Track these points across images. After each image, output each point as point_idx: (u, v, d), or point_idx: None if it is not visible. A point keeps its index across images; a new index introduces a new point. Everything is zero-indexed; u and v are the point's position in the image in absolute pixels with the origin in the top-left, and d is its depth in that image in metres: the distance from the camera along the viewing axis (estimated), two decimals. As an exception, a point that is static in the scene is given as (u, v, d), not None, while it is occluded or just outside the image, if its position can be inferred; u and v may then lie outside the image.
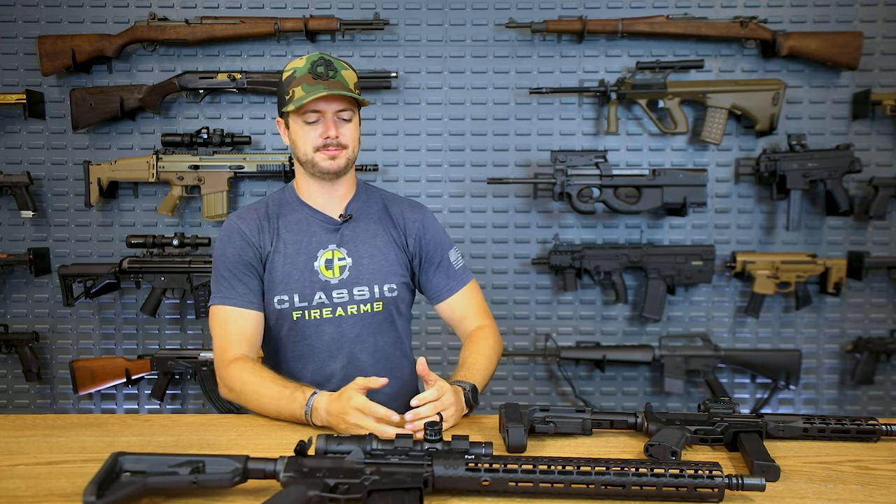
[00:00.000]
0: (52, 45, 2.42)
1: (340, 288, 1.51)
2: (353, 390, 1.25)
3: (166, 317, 2.62)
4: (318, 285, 1.50)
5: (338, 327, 1.52)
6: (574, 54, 2.54)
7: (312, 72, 1.43)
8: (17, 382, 2.64)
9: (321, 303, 1.51)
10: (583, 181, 2.40)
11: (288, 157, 2.46)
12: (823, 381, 2.63)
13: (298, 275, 1.50)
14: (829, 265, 2.49)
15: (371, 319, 1.54)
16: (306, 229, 1.53)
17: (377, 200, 1.61)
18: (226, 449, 1.22)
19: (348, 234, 1.54)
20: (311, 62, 1.44)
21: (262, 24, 2.44)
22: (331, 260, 1.52)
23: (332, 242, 1.53)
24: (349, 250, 1.53)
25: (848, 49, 2.41)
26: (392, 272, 1.55)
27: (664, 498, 1.03)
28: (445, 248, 1.62)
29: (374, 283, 1.53)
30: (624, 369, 2.63)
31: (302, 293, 1.50)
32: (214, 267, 1.51)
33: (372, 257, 1.54)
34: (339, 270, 1.52)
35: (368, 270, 1.53)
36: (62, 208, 2.59)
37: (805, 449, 1.25)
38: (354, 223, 1.55)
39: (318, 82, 1.43)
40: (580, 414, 1.28)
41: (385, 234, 1.57)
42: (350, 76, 1.48)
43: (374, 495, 0.97)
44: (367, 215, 1.58)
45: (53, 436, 1.29)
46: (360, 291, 1.52)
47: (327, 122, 1.45)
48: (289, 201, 1.57)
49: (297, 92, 1.44)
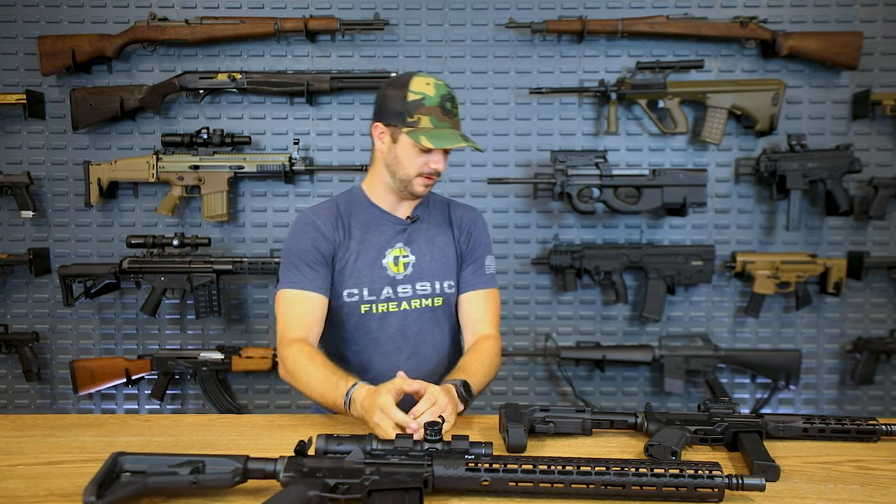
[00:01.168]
0: (52, 45, 2.42)
1: (405, 283, 1.61)
2: (386, 390, 1.28)
3: (166, 317, 2.62)
4: (386, 280, 1.60)
5: (402, 321, 1.61)
6: (574, 54, 2.54)
7: (442, 106, 1.51)
8: (17, 382, 2.64)
9: (388, 297, 1.60)
10: (583, 181, 2.40)
11: (288, 157, 2.46)
12: (823, 381, 2.63)
13: (368, 270, 1.59)
14: (829, 265, 2.49)
15: (432, 314, 1.63)
16: (376, 229, 1.62)
17: (439, 204, 1.73)
18: (226, 449, 1.22)
19: (413, 234, 1.65)
20: (441, 95, 1.51)
21: (262, 24, 2.44)
22: (398, 257, 1.62)
23: (400, 241, 1.63)
24: (413, 249, 1.63)
25: (848, 49, 2.41)
26: (450, 270, 1.66)
27: (664, 498, 1.03)
28: (484, 251, 1.73)
29: (434, 280, 1.63)
30: (624, 369, 2.63)
31: (371, 287, 1.59)
32: (284, 257, 1.58)
33: (433, 255, 1.65)
34: (403, 267, 1.62)
35: (430, 267, 1.64)
36: (62, 208, 2.59)
37: (805, 449, 1.25)
38: (418, 224, 1.66)
39: (445, 119, 1.51)
40: (580, 414, 1.29)
41: (444, 234, 1.68)
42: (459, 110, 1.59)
43: (374, 495, 0.97)
44: (430, 217, 1.69)
45: (53, 436, 1.29)
46: (423, 287, 1.62)
47: (439, 157, 1.54)
48: (359, 201, 1.65)
49: (425, 121, 1.50)
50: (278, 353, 1.53)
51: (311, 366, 1.43)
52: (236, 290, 2.61)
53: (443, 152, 1.55)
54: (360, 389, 1.33)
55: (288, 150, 2.53)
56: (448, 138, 1.50)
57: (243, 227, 2.59)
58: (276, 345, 1.56)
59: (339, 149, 2.57)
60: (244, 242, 2.59)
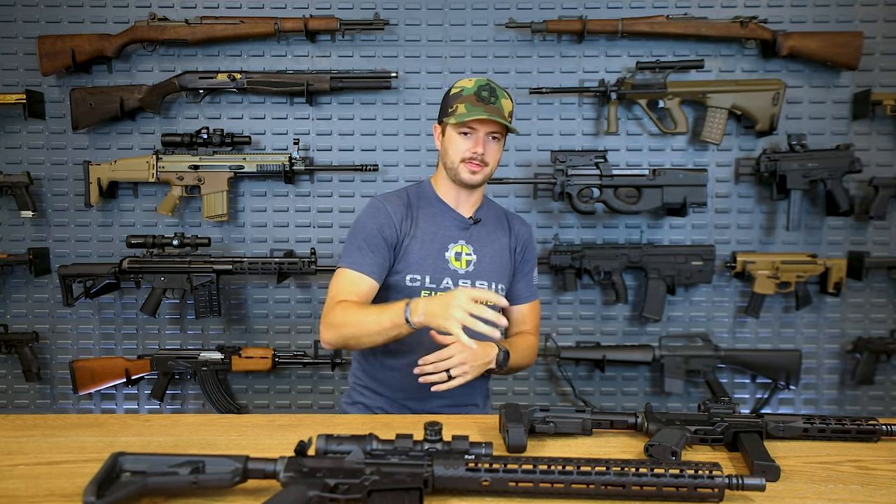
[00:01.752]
0: (52, 45, 2.42)
1: (466, 278, 1.69)
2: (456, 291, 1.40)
3: (166, 317, 2.62)
4: (448, 272, 1.68)
5: None
6: (574, 54, 2.54)
7: (478, 94, 1.61)
8: (17, 382, 2.64)
9: (447, 287, 1.66)
10: (583, 181, 2.40)
11: (288, 157, 2.46)
12: (823, 381, 2.63)
13: (432, 260, 1.67)
14: (829, 265, 2.49)
15: None
16: (441, 223, 1.71)
17: (497, 211, 1.83)
18: (226, 449, 1.22)
19: (475, 235, 1.73)
20: (479, 86, 1.62)
21: (262, 24, 2.44)
22: (459, 253, 1.70)
23: (462, 238, 1.71)
24: (475, 248, 1.72)
25: (848, 49, 2.41)
26: (504, 274, 1.75)
27: (664, 498, 1.03)
28: (534, 264, 1.85)
29: (492, 280, 1.71)
30: (624, 369, 2.63)
31: (433, 276, 1.66)
32: (350, 235, 1.67)
33: (492, 257, 1.73)
34: (465, 263, 1.70)
35: (489, 268, 1.72)
36: (62, 208, 2.59)
37: (805, 449, 1.25)
38: (481, 226, 1.75)
39: (479, 105, 1.60)
40: (580, 414, 1.28)
41: (502, 240, 1.77)
42: (507, 105, 1.65)
43: (374, 495, 0.97)
44: (490, 222, 1.78)
45: (53, 436, 1.29)
46: (481, 285, 1.70)
47: (478, 139, 1.63)
48: (427, 195, 1.74)
49: (460, 108, 1.62)
50: (323, 321, 1.58)
51: (361, 310, 1.51)
52: (236, 290, 2.61)
53: (485, 138, 1.62)
54: (420, 300, 1.44)
55: (288, 150, 2.52)
56: (472, 115, 1.59)
57: (243, 227, 2.59)
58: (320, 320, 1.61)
59: (339, 149, 2.57)
60: (244, 242, 2.59)
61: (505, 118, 1.63)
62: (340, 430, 1.23)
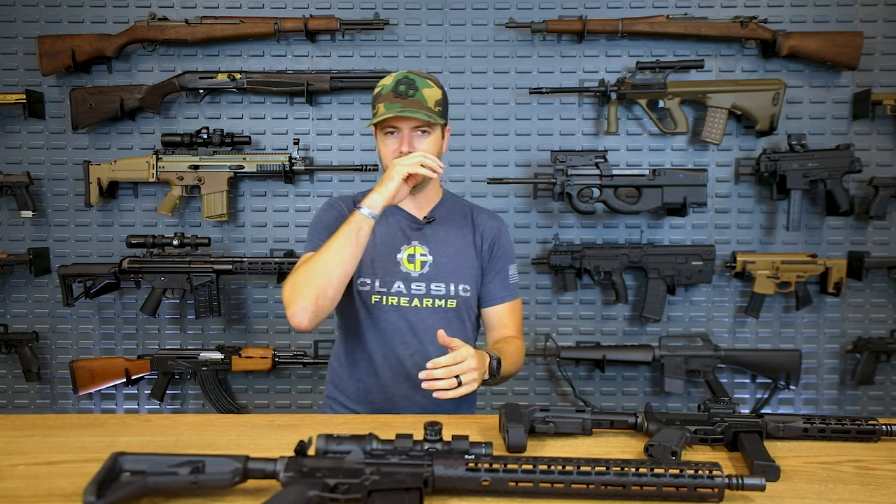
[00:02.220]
0: (52, 45, 2.42)
1: (420, 281, 1.63)
2: None
3: (166, 317, 2.62)
4: (399, 275, 1.63)
5: (412, 316, 1.62)
6: (574, 54, 2.54)
7: (395, 90, 1.55)
8: (17, 382, 2.64)
9: (399, 291, 1.62)
10: (583, 181, 2.40)
11: (288, 157, 2.46)
12: (823, 381, 2.63)
13: (381, 262, 1.63)
14: (830, 265, 2.49)
15: (444, 315, 1.64)
16: (394, 224, 1.67)
17: (461, 207, 1.76)
18: (226, 449, 1.22)
19: (430, 234, 1.67)
20: (396, 81, 1.56)
21: (262, 24, 2.44)
22: (413, 255, 1.65)
23: (416, 239, 1.66)
24: (431, 248, 1.66)
25: (848, 49, 2.41)
26: (467, 274, 1.67)
27: (664, 498, 1.03)
28: (509, 260, 1.74)
29: (450, 282, 1.65)
30: (624, 369, 2.63)
31: (383, 279, 1.62)
32: (309, 231, 1.65)
33: (450, 257, 1.66)
34: (420, 265, 1.64)
35: (446, 269, 1.65)
36: (62, 208, 2.59)
37: (805, 449, 1.25)
38: (437, 225, 1.68)
39: (397, 101, 1.53)
40: (580, 414, 1.28)
41: (464, 238, 1.69)
42: (432, 94, 1.57)
43: (374, 495, 0.97)
44: (450, 220, 1.71)
45: (53, 436, 1.29)
46: (437, 287, 1.64)
47: (402, 138, 1.57)
48: None
49: (380, 109, 1.56)
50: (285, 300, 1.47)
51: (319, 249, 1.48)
52: (236, 290, 2.61)
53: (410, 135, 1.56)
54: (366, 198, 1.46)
55: (288, 150, 2.53)
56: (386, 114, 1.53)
57: (243, 227, 2.59)
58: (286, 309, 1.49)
59: (339, 149, 2.57)
60: (244, 242, 2.59)
61: (426, 109, 1.54)
62: (340, 430, 1.23)
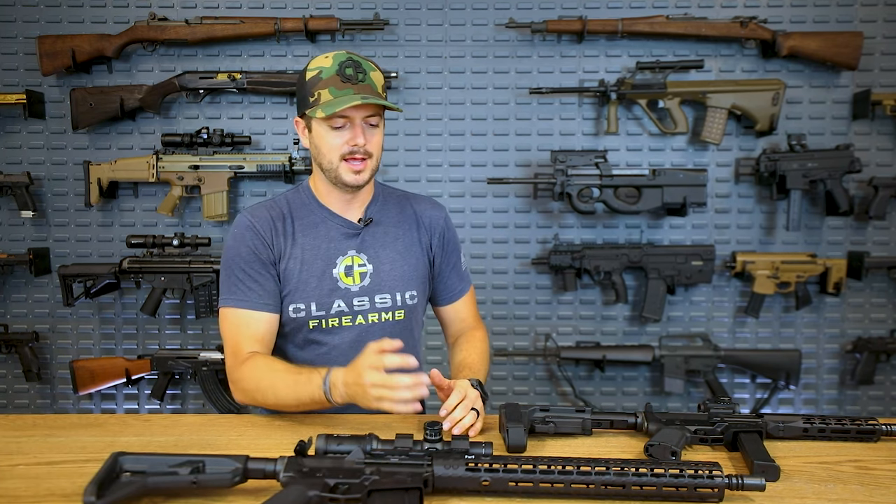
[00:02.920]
0: (52, 45, 2.42)
1: (361, 296, 1.46)
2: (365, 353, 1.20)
3: (166, 317, 2.62)
4: (338, 293, 1.45)
5: (357, 335, 1.46)
6: (574, 54, 2.54)
7: (341, 73, 1.35)
8: (17, 382, 2.64)
9: (340, 311, 1.45)
10: (583, 181, 2.40)
11: (288, 157, 2.46)
12: (823, 381, 2.63)
13: (316, 282, 1.44)
14: (829, 265, 2.49)
15: (392, 328, 1.49)
16: (325, 234, 1.46)
17: (395, 200, 1.55)
18: (226, 449, 1.22)
19: (368, 240, 1.48)
20: (339, 63, 1.35)
21: (262, 24, 2.44)
22: (350, 266, 1.46)
23: (352, 248, 1.47)
24: (370, 256, 1.47)
25: (848, 49, 2.41)
26: (413, 277, 1.51)
27: (664, 498, 1.03)
28: (459, 249, 1.62)
29: (395, 291, 1.48)
30: (624, 369, 2.63)
31: (319, 301, 1.44)
32: (225, 266, 1.44)
33: (393, 263, 1.49)
34: (359, 277, 1.46)
35: (390, 277, 1.48)
36: (62, 208, 2.59)
37: (805, 449, 1.25)
38: (374, 227, 1.50)
39: (347, 86, 1.34)
40: (580, 414, 1.28)
41: (406, 237, 1.52)
42: (378, 78, 1.40)
43: (374, 495, 0.97)
44: (387, 218, 1.52)
45: (53, 436, 1.29)
46: (382, 299, 1.47)
47: (356, 129, 1.37)
48: (305, 202, 1.49)
49: (325, 95, 1.35)
50: (230, 378, 1.40)
51: (273, 374, 1.32)
52: (236, 290, 2.61)
53: (363, 126, 1.37)
54: (336, 372, 1.23)
55: (288, 150, 2.52)
56: (344, 102, 1.32)
57: (243, 227, 2.59)
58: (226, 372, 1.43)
59: (339, 149, 2.56)
60: (244, 242, 2.59)
61: (379, 95, 1.37)
62: (340, 430, 1.23)
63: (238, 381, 1.38)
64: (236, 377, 1.39)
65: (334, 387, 1.24)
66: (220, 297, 1.44)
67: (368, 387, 1.16)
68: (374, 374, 1.16)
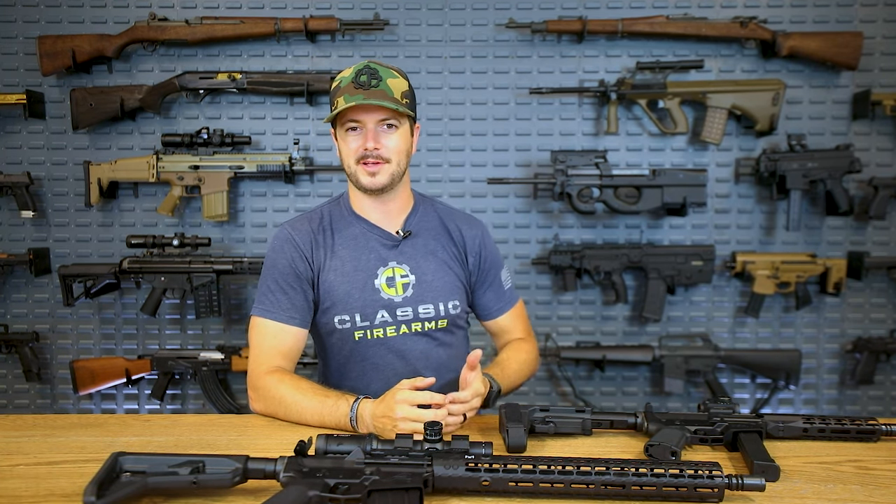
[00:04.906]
0: (52, 45, 2.42)
1: (405, 306, 1.49)
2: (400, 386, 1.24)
3: (166, 317, 2.62)
4: (381, 304, 1.48)
5: (402, 345, 1.50)
6: (574, 54, 2.54)
7: (355, 81, 1.39)
8: (17, 382, 2.64)
9: (384, 321, 1.48)
10: (583, 181, 2.40)
11: (288, 157, 2.46)
12: (823, 381, 2.63)
13: (359, 294, 1.47)
14: (829, 265, 2.49)
15: (434, 337, 1.53)
16: (364, 245, 1.49)
17: (433, 215, 1.58)
18: (226, 449, 1.22)
19: (409, 251, 1.51)
20: (357, 70, 1.40)
21: (262, 24, 2.44)
22: (392, 277, 1.49)
23: (392, 259, 1.50)
24: (412, 267, 1.50)
25: (848, 49, 2.41)
26: (455, 288, 1.54)
27: (664, 498, 1.03)
28: (498, 267, 1.63)
29: (438, 301, 1.51)
30: (624, 369, 2.63)
31: (363, 312, 1.47)
32: (262, 276, 1.49)
33: (435, 273, 1.52)
34: (402, 288, 1.49)
35: (433, 287, 1.51)
36: (62, 208, 2.59)
37: (805, 449, 1.25)
38: (414, 238, 1.53)
39: (358, 92, 1.38)
40: (580, 414, 1.29)
41: (444, 250, 1.55)
42: (398, 85, 1.42)
43: (374, 495, 0.97)
44: (426, 230, 1.55)
45: (53, 436, 1.29)
46: (426, 309, 1.50)
47: (366, 133, 1.40)
48: (343, 215, 1.53)
49: (340, 102, 1.39)
50: (250, 385, 1.43)
51: (299, 393, 1.34)
52: (236, 290, 2.61)
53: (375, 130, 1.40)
54: (365, 404, 1.27)
55: (288, 150, 2.53)
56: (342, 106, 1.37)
57: (243, 227, 2.59)
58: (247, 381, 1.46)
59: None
60: (244, 242, 2.59)
61: (393, 99, 1.38)
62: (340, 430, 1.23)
63: (259, 391, 1.41)
64: (258, 385, 1.41)
65: (361, 418, 1.27)
66: (254, 306, 1.48)
67: (399, 420, 1.20)
68: (405, 409, 1.20)
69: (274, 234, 1.52)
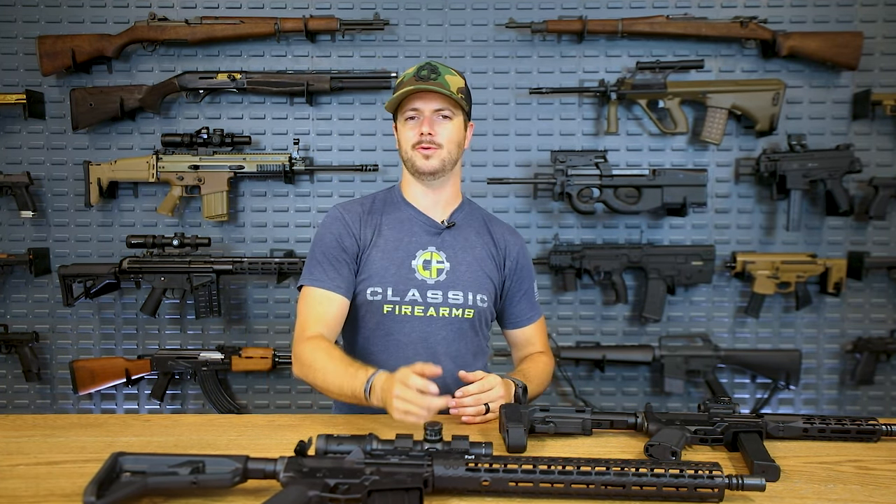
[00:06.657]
0: (52, 45, 2.42)
1: (436, 289, 1.55)
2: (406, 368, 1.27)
3: (166, 317, 2.62)
4: (414, 283, 1.55)
5: (427, 327, 1.55)
6: (574, 54, 2.54)
7: (417, 75, 1.52)
8: (17, 382, 2.64)
9: (414, 300, 1.54)
10: (583, 181, 2.40)
11: (288, 157, 2.46)
12: (823, 381, 2.63)
13: (395, 269, 1.54)
14: (829, 265, 2.49)
15: (460, 325, 1.58)
16: (408, 228, 1.59)
17: (479, 216, 1.68)
18: (226, 449, 1.22)
19: (448, 240, 1.60)
20: (419, 67, 1.54)
21: (262, 24, 2.44)
22: (429, 261, 1.57)
23: (433, 245, 1.58)
24: (448, 255, 1.58)
25: (848, 49, 2.41)
26: (486, 284, 1.61)
27: (664, 498, 1.03)
28: (532, 278, 1.71)
29: (468, 290, 1.57)
30: (624, 369, 2.63)
31: (396, 287, 1.54)
32: (311, 249, 1.58)
33: (469, 266, 1.59)
34: (436, 272, 1.56)
35: (465, 277, 1.58)
36: (62, 208, 2.59)
37: (805, 449, 1.25)
38: (456, 231, 1.61)
39: (418, 83, 1.50)
40: (580, 414, 1.29)
41: (484, 248, 1.63)
42: (455, 81, 1.53)
43: (374, 495, 0.98)
44: (469, 227, 1.64)
45: (53, 436, 1.29)
46: (455, 296, 1.56)
47: (423, 119, 1.52)
48: (394, 200, 1.63)
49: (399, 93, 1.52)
50: (293, 350, 1.51)
51: (328, 359, 1.41)
52: (236, 290, 2.61)
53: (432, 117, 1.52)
54: (380, 376, 1.31)
55: (288, 150, 2.53)
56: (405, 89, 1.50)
57: (243, 227, 2.59)
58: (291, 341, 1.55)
59: (339, 149, 2.57)
60: (244, 242, 2.59)
61: (449, 91, 1.50)
62: (340, 430, 1.23)
63: (299, 355, 1.48)
64: (298, 351, 1.48)
65: (374, 389, 1.31)
66: (301, 276, 1.57)
67: (394, 397, 1.23)
68: (401, 388, 1.23)
69: (326, 214, 1.61)
